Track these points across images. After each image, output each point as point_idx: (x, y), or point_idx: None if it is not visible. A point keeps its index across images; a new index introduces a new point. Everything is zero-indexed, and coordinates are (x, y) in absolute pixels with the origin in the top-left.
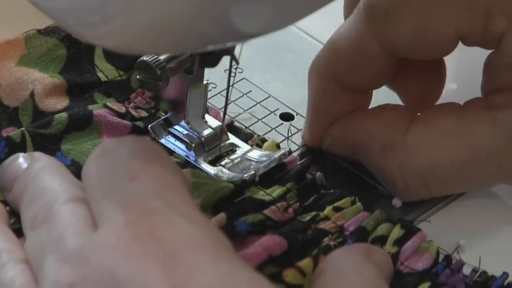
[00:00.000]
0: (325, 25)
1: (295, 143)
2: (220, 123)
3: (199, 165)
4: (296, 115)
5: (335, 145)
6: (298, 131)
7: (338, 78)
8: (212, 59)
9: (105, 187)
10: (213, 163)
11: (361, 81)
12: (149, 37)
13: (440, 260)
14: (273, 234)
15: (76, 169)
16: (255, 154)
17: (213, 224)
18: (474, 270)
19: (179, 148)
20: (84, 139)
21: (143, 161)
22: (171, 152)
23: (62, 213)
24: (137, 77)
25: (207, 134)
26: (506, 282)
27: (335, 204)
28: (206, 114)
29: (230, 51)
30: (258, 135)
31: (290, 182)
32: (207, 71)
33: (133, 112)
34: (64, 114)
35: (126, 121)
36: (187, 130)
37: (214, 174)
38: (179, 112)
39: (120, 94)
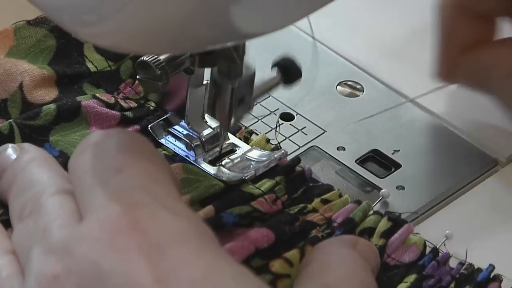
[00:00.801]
0: (325, 25)
1: (295, 143)
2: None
3: (199, 165)
4: (296, 115)
5: (465, 74)
6: (298, 131)
7: (463, 3)
8: (212, 59)
9: (90, 179)
10: (213, 163)
11: (485, 5)
12: (144, 38)
13: (427, 252)
14: (260, 227)
15: (64, 160)
16: (255, 154)
17: (198, 217)
18: (461, 263)
19: (179, 148)
20: (72, 130)
21: (129, 154)
22: (158, 145)
23: (49, 205)
24: (137, 76)
25: (207, 134)
26: (492, 275)
27: (323, 197)
28: (206, 114)
29: (230, 51)
30: (246, 127)
31: (279, 176)
32: (207, 71)
33: (122, 102)
34: (52, 106)
35: (114, 112)
36: (187, 130)
37: (214, 174)
38: (166, 102)
39: (110, 84)
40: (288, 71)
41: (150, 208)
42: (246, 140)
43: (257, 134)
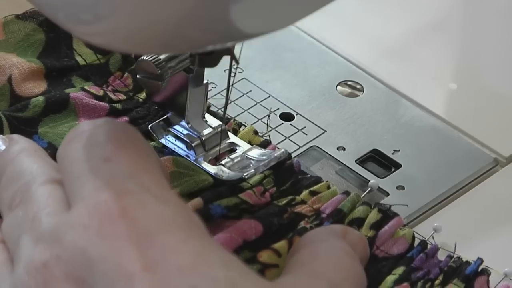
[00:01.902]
0: (325, 25)
1: (295, 143)
2: (220, 122)
3: (199, 164)
4: (296, 115)
5: None
6: (298, 131)
7: None
8: (212, 59)
9: (79, 168)
10: (213, 162)
11: None
12: (140, 39)
13: (415, 245)
14: (248, 219)
15: (52, 152)
16: (255, 153)
17: (186, 205)
18: (449, 256)
19: (179, 147)
20: (61, 122)
21: (117, 143)
22: (147, 135)
23: (39, 194)
24: (137, 76)
25: (207, 134)
26: (480, 268)
27: (312, 188)
28: (207, 114)
29: (230, 51)
30: (235, 120)
31: (269, 170)
32: (207, 71)
33: (111, 95)
34: (40, 98)
35: (103, 103)
36: (187, 129)
37: (214, 173)
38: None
39: (98, 77)
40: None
41: (138, 196)
42: (235, 132)
43: (245, 126)
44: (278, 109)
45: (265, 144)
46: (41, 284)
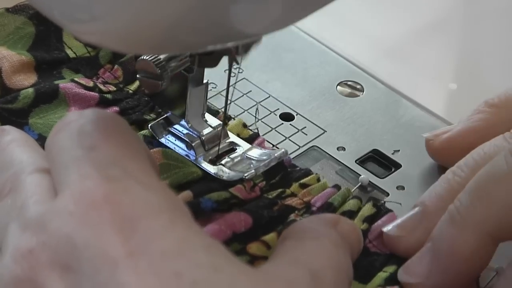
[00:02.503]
0: (325, 25)
1: (295, 143)
2: (220, 122)
3: (199, 164)
4: (296, 115)
5: None
6: (298, 131)
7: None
8: (212, 59)
9: (65, 157)
10: (213, 162)
11: None
12: (134, 39)
13: None
14: (238, 211)
15: (43, 144)
16: (255, 153)
17: (171, 191)
18: None
19: (179, 147)
20: (52, 112)
21: (103, 131)
22: (140, 125)
23: (27, 183)
24: (137, 76)
25: (207, 133)
26: None
27: (301, 181)
28: (207, 113)
29: (230, 51)
30: (224, 112)
31: None
32: (207, 71)
33: (101, 86)
34: (30, 89)
35: (93, 93)
36: (187, 129)
37: (214, 173)
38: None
39: (89, 70)
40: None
41: (123, 183)
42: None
43: (234, 119)
44: (278, 109)
45: (253, 137)
46: (27, 271)
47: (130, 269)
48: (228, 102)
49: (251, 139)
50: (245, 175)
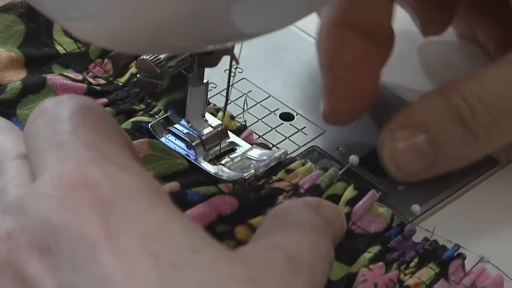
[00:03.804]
0: None
1: (295, 143)
2: (220, 122)
3: (199, 164)
4: (296, 115)
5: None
6: (298, 131)
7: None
8: (212, 59)
9: (43, 143)
10: (213, 162)
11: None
12: (125, 39)
13: (394, 226)
14: (223, 195)
15: None
16: (255, 153)
17: (149, 174)
18: (426, 239)
19: (179, 147)
20: (40, 102)
21: (81, 116)
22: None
23: (9, 168)
24: (137, 75)
25: (207, 133)
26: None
27: (287, 167)
28: (207, 113)
29: (230, 51)
30: (214, 105)
31: None
32: (207, 71)
33: (90, 79)
34: (17, 82)
35: (81, 84)
36: (187, 129)
37: (214, 173)
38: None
39: (79, 65)
40: None
41: (102, 165)
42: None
43: (222, 111)
44: (278, 109)
45: (241, 129)
46: (6, 254)
47: (109, 250)
48: (228, 102)
49: (239, 131)
50: (245, 175)
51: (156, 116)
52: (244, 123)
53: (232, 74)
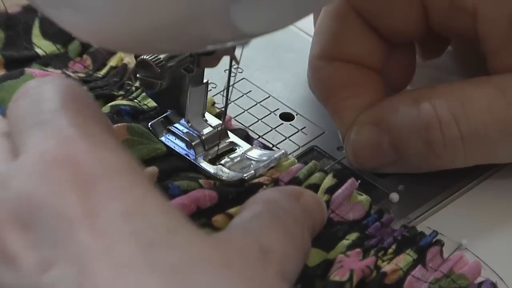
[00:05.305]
0: None
1: (295, 143)
2: (220, 122)
3: (198, 163)
4: (296, 115)
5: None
6: (298, 131)
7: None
8: (212, 59)
9: (26, 121)
10: (213, 162)
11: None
12: (122, 38)
13: (372, 213)
14: (202, 189)
15: None
16: (255, 153)
17: (130, 154)
18: (404, 226)
19: (179, 146)
20: (19, 86)
21: (64, 96)
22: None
23: None
24: (137, 75)
25: (207, 133)
26: (434, 240)
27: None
28: (207, 113)
29: (230, 51)
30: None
31: None
32: (207, 71)
33: (70, 74)
34: None
35: (59, 73)
36: (187, 128)
37: (214, 173)
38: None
39: (58, 64)
40: None
41: (83, 144)
42: None
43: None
44: (278, 109)
45: (219, 115)
46: None
47: (87, 228)
48: (228, 102)
49: (217, 117)
50: (245, 175)
51: (135, 100)
52: (223, 109)
53: (232, 74)
